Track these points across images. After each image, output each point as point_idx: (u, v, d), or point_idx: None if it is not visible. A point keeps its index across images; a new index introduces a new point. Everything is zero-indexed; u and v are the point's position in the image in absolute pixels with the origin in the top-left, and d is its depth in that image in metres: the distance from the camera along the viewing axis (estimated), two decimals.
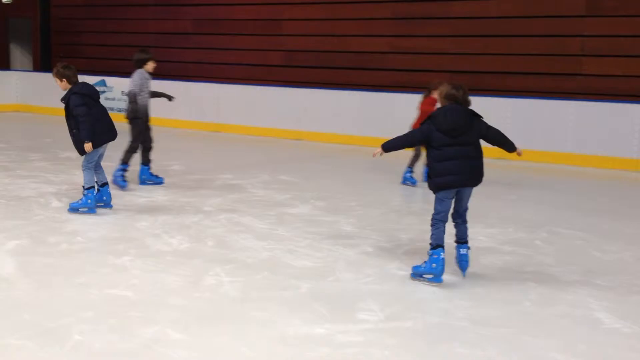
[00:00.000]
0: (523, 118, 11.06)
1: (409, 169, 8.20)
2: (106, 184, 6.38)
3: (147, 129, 7.86)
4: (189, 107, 14.43)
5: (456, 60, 12.33)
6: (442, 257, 4.48)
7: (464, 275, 4.67)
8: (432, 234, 4.56)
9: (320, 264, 4.92)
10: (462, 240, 4.69)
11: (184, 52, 15.63)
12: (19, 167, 8.55)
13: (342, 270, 4.77)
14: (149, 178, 7.82)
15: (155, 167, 8.97)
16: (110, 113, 15.58)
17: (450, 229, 4.65)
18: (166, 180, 7.99)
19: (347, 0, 13.39)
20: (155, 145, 8.09)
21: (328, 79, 13.64)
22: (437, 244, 4.51)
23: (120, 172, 7.53)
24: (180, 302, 4.10)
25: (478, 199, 5.20)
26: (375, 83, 13.11)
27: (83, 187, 6.19)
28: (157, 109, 14.77)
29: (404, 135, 4.83)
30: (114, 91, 15.43)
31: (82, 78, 16.16)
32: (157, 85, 9.03)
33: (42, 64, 17.92)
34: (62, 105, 6.40)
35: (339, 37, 13.54)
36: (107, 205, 6.33)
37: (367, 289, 4.41)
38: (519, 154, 4.89)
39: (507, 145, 4.84)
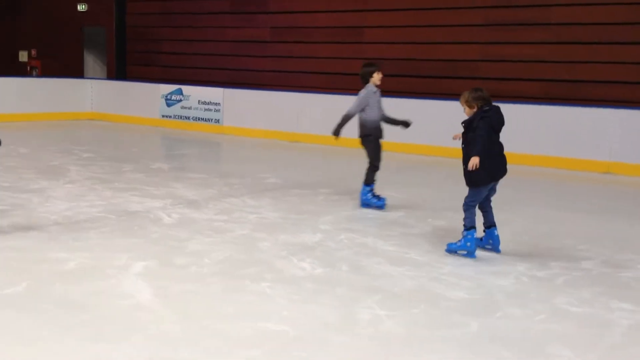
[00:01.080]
0: (631, 130, 10.39)
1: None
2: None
3: (379, 147, 7.16)
4: (266, 117, 14.17)
5: (554, 68, 11.72)
6: (475, 237, 5.29)
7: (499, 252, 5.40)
8: (466, 218, 5.30)
9: (478, 296, 4.46)
10: (493, 224, 5.47)
11: (261, 60, 15.40)
12: (115, 179, 8.35)
13: (506, 304, 4.30)
14: (369, 201, 7.08)
15: (249, 180, 8.72)
16: (187, 122, 15.65)
17: None
18: (267, 194, 7.67)
19: (434, 6, 12.93)
20: (239, 156, 7.75)
21: (413, 88, 13.18)
22: (470, 226, 5.27)
23: (369, 193, 7.07)
24: (343, 339, 3.69)
25: None
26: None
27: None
28: (231, 118, 14.72)
29: (483, 138, 5.25)
30: (191, 100, 15.29)
31: (157, 87, 16.33)
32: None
33: (116, 72, 17.96)
34: (137, 113, 5.96)
35: (425, 45, 13.07)
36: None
37: (546, 328, 3.93)
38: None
39: None
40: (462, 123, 5.46)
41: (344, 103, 13.41)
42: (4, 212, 6.33)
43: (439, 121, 11.90)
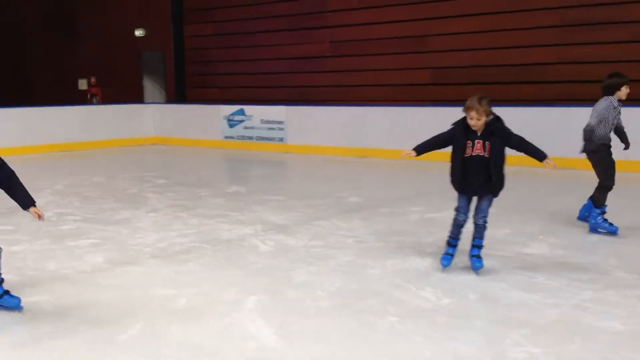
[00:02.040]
0: None
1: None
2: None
3: (612, 164, 6.34)
4: (329, 132, 13.85)
5: (637, 67, 11.09)
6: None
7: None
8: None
9: (635, 326, 3.99)
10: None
11: (321, 75, 15.12)
12: (197, 205, 8.10)
13: None
14: (600, 225, 6.31)
15: (330, 200, 8.38)
16: (250, 142, 15.49)
17: None
18: (355, 215, 7.31)
19: (500, 10, 12.45)
20: (309, 174, 7.39)
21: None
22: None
23: (600, 217, 6.32)
24: None
25: None
26: (537, 97, 12.06)
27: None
28: (294, 136, 14.44)
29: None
30: (253, 119, 15.09)
31: (218, 108, 16.23)
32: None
33: (176, 96, 17.93)
34: (199, 136, 5.64)
35: (493, 50, 12.59)
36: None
37: None
38: None
39: None
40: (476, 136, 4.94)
41: (408, 115, 13.13)
42: (96, 246, 6.11)
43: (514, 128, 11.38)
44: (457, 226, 5.18)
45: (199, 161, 13.46)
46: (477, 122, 4.87)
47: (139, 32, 18.53)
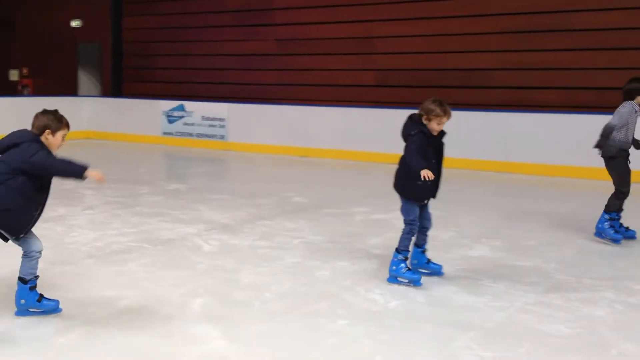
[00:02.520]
0: None
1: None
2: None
3: (628, 171, 6.21)
4: (273, 131, 13.73)
5: (573, 75, 11.44)
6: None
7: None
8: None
9: (580, 330, 4.04)
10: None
11: (266, 73, 14.96)
12: (136, 203, 7.87)
13: (615, 340, 3.89)
14: (605, 231, 6.18)
15: (275, 199, 8.28)
16: (190, 139, 15.18)
17: None
18: (300, 215, 7.24)
19: (448, 15, 12.60)
20: (252, 173, 7.28)
21: (425, 99, 12.80)
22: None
23: (607, 223, 6.18)
24: None
25: None
26: (479, 102, 12.26)
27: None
28: (236, 134, 14.25)
29: None
30: (194, 116, 14.81)
31: (157, 103, 15.82)
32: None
33: (113, 89, 17.43)
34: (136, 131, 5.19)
35: (438, 54, 12.73)
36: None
37: None
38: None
39: None
40: (436, 141, 4.91)
41: (352, 115, 13.15)
42: None
43: (458, 132, 11.54)
44: (411, 238, 4.95)
45: (137, 157, 13.11)
46: (442, 126, 4.81)
47: (75, 23, 17.93)
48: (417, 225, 4.95)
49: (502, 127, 11.33)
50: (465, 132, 10.71)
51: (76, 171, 3.94)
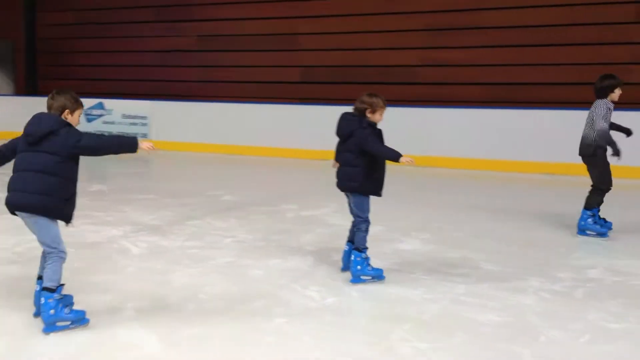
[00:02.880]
0: (566, 130, 10.57)
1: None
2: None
3: (608, 168, 6.29)
4: (197, 129, 13.55)
5: (490, 71, 11.82)
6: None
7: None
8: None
9: (510, 318, 4.18)
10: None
11: (188, 70, 14.73)
12: None
13: (543, 327, 4.04)
14: (589, 227, 6.30)
15: (203, 198, 8.18)
16: None
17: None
18: (230, 213, 7.18)
19: (370, 12, 12.76)
20: (178, 172, 7.16)
21: (349, 95, 12.91)
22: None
23: (590, 219, 6.27)
24: None
25: None
26: (403, 98, 12.49)
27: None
28: (159, 132, 13.94)
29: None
30: (114, 114, 14.42)
31: None
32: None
33: (27, 88, 16.72)
34: None
35: (361, 51, 12.88)
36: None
37: (600, 351, 3.70)
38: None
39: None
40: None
41: (277, 112, 13.12)
42: None
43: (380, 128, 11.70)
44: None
45: None
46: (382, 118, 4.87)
47: None
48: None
49: (423, 123, 11.59)
50: (388, 127, 10.82)
51: (130, 144, 4.04)
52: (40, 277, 3.98)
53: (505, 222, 6.93)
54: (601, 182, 6.28)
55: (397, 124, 11.62)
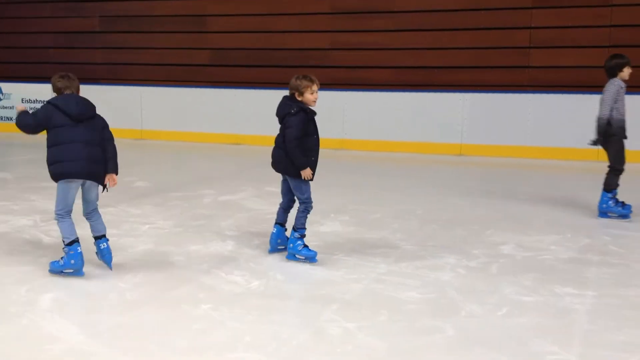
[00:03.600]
0: (475, 112, 11.01)
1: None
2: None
3: (623, 148, 6.33)
4: (102, 113, 13.05)
5: (401, 55, 12.06)
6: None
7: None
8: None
9: (431, 295, 4.33)
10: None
11: (91, 52, 14.17)
12: None
13: (463, 302, 4.22)
14: (611, 209, 6.37)
15: (118, 186, 7.93)
16: (10, 124, 14.05)
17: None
18: (145, 200, 7.03)
19: None
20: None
21: (262, 78, 12.88)
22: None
23: (611, 201, 6.34)
24: None
25: None
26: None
27: None
28: None
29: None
30: (12, 98, 13.70)
31: None
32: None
33: None
34: None
35: (273, 34, 12.82)
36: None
37: (516, 323, 3.90)
38: None
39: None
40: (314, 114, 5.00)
41: (187, 95, 12.88)
42: None
43: None
44: (307, 215, 5.02)
45: None
46: (316, 97, 4.88)
47: None
48: (312, 203, 4.99)
49: (336, 106, 11.70)
50: None
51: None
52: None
53: (423, 203, 7.14)
54: (617, 162, 6.35)
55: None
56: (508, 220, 6.39)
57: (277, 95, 13.19)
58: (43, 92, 13.40)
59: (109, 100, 13.01)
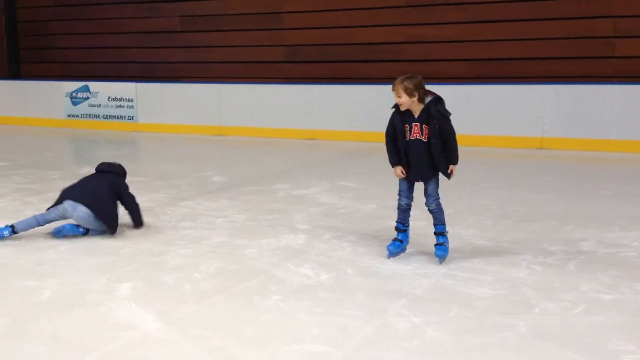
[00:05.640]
0: (556, 105, 10.64)
1: None
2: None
3: None
4: (183, 110, 13.46)
5: (476, 47, 11.82)
6: None
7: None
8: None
9: (503, 291, 4.24)
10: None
11: (172, 51, 14.61)
12: (47, 189, 7.52)
13: (537, 298, 4.11)
14: None
15: (193, 179, 8.16)
16: (97, 121, 14.64)
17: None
18: (221, 194, 7.19)
19: None
20: (166, 154, 7.12)
21: (335, 74, 12.91)
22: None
23: None
24: (394, 355, 3.36)
25: None
26: (388, 75, 12.44)
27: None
28: (146, 114, 13.85)
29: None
30: (99, 97, 14.28)
31: (60, 84, 15.09)
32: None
33: (10, 71, 16.50)
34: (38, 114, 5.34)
35: (346, 29, 12.82)
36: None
37: (594, 321, 3.77)
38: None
39: None
40: (412, 119, 4.77)
41: (262, 92, 13.06)
42: None
43: (364, 107, 11.71)
44: (401, 210, 4.96)
45: (42, 141, 12.54)
46: (398, 100, 4.71)
47: None
48: (401, 200, 5.00)
49: None
50: (377, 105, 10.86)
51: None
52: None
53: (498, 199, 6.98)
54: None
55: (383, 102, 11.66)
56: (589, 216, 6.16)
57: (351, 90, 13.31)
58: (128, 90, 13.93)
59: (189, 97, 13.43)
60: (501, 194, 7.28)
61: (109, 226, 5.47)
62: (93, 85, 14.40)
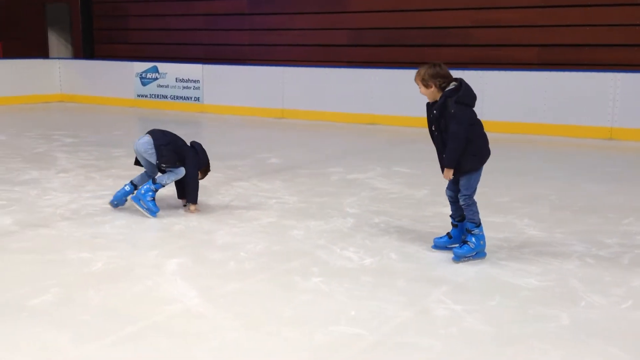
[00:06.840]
0: (628, 93, 10.22)
1: None
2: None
3: None
4: (247, 93, 13.62)
5: (546, 32, 11.46)
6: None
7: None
8: (474, 213, 4.56)
9: (550, 283, 4.14)
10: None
11: (239, 33, 14.79)
12: (110, 166, 7.80)
13: (584, 292, 3.99)
14: None
15: (251, 161, 8.27)
16: (165, 101, 14.99)
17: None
18: (276, 176, 7.26)
19: None
20: (228, 135, 7.18)
21: (399, 58, 12.78)
22: (479, 221, 4.57)
23: None
24: (429, 342, 3.33)
25: None
26: (456, 60, 12.23)
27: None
28: (211, 96, 14.11)
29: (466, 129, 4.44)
30: (167, 78, 14.62)
31: (130, 65, 15.52)
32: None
33: (84, 51, 17.11)
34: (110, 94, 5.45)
35: (411, 12, 12.66)
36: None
37: (638, 317, 3.64)
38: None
39: None
40: (433, 109, 4.50)
41: (325, 75, 13.07)
42: (2, 207, 5.77)
43: None
44: (449, 202, 4.76)
45: (111, 120, 12.95)
46: (420, 90, 4.56)
47: None
48: (446, 191, 4.78)
49: (478, 85, 11.31)
50: None
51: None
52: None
53: (558, 188, 6.79)
54: None
55: None
56: None
57: (413, 76, 13.11)
58: (194, 71, 14.20)
59: (253, 80, 13.57)
60: (562, 184, 7.07)
61: (159, 157, 5.48)
62: (162, 67, 14.74)
